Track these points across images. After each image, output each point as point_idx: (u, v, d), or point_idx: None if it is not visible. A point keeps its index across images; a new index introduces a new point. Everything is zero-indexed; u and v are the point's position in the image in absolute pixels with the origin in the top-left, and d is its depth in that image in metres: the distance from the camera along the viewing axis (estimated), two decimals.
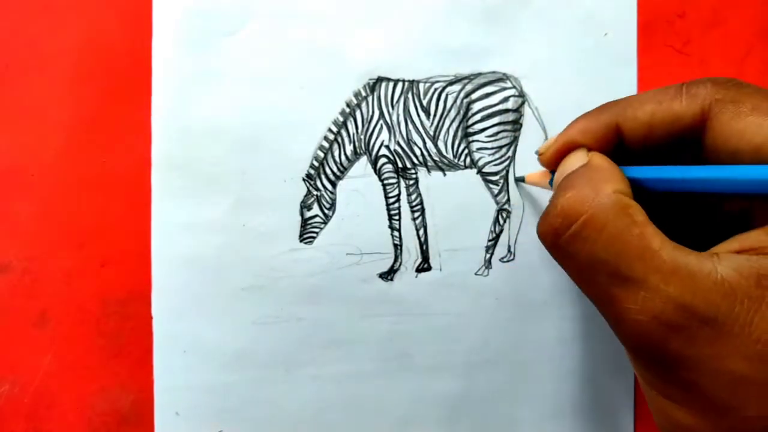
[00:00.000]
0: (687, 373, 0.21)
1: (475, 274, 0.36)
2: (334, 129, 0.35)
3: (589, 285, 0.23)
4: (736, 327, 0.20)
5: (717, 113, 0.23)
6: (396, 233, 0.36)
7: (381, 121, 0.36)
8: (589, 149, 0.26)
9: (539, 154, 0.29)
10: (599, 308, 0.23)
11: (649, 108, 0.25)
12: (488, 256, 0.36)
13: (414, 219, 0.36)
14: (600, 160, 0.25)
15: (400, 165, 0.36)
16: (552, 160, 0.28)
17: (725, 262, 0.21)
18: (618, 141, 0.26)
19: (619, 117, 0.25)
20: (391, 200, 0.36)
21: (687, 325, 0.21)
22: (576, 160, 0.26)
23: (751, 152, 0.22)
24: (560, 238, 0.23)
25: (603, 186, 0.23)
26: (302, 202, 0.35)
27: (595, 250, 0.22)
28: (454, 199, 0.36)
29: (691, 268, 0.21)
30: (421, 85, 0.35)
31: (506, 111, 0.35)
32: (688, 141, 0.25)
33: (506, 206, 0.36)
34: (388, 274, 0.35)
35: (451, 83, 0.35)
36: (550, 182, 0.30)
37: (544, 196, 0.35)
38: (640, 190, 0.25)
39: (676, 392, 0.22)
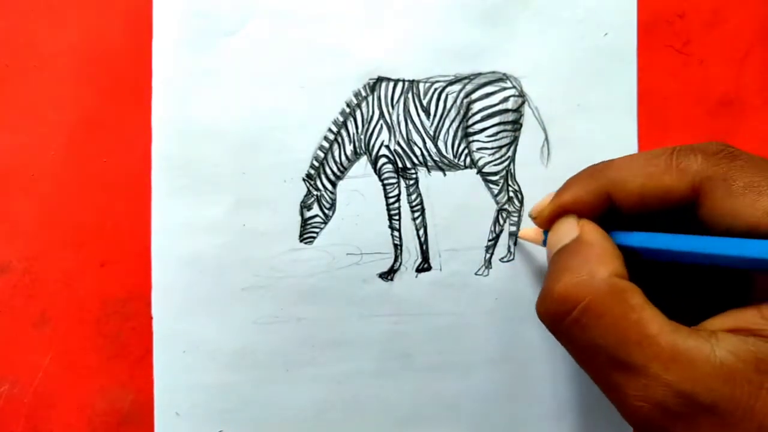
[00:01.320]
0: None
1: (475, 274, 0.36)
2: (334, 129, 0.35)
3: (591, 368, 0.24)
4: (738, 413, 0.20)
5: (709, 191, 0.23)
6: (396, 233, 0.36)
7: (381, 121, 0.36)
8: (581, 215, 0.27)
9: (532, 217, 0.29)
10: (602, 390, 0.24)
11: (640, 181, 0.25)
12: (488, 256, 0.36)
13: (414, 219, 0.36)
14: (591, 234, 0.25)
15: (400, 165, 0.36)
16: (546, 224, 0.28)
17: (723, 344, 0.21)
18: (609, 206, 0.26)
19: (609, 187, 0.26)
20: (391, 200, 0.36)
21: (688, 412, 0.21)
22: (567, 230, 0.26)
23: (746, 231, 0.22)
24: (561, 323, 0.24)
25: (598, 269, 0.23)
26: (302, 202, 0.35)
27: (594, 337, 0.23)
28: (454, 199, 0.36)
29: (689, 353, 0.21)
30: (421, 85, 0.35)
31: (506, 111, 0.35)
32: (683, 211, 0.25)
33: (506, 206, 0.36)
34: (388, 274, 0.35)
35: (451, 83, 0.35)
36: (544, 242, 0.31)
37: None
38: (633, 254, 0.25)
39: None
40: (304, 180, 0.35)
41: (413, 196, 0.36)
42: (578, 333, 0.23)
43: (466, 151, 0.36)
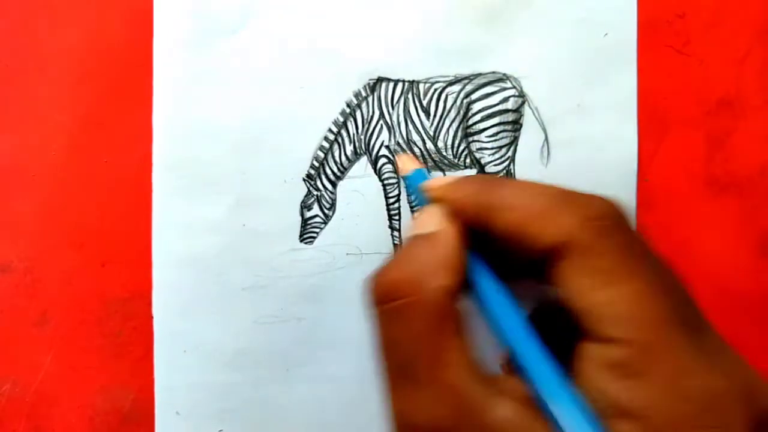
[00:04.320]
0: None
1: None
2: (334, 129, 0.35)
3: (383, 357, 0.23)
4: None
5: (563, 257, 0.22)
6: (396, 233, 0.36)
7: (381, 122, 0.36)
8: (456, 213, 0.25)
9: (424, 187, 0.27)
10: (380, 379, 0.23)
11: (516, 218, 0.23)
12: None
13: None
14: (447, 238, 0.24)
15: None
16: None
17: (508, 406, 0.20)
18: (484, 228, 0.24)
19: (490, 209, 0.24)
20: (391, 200, 0.36)
21: None
22: (430, 220, 0.25)
23: (574, 311, 0.21)
24: (378, 305, 0.23)
25: (433, 277, 0.22)
26: (302, 202, 0.35)
27: (399, 337, 0.22)
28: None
29: (470, 400, 0.21)
30: (421, 86, 0.35)
31: (506, 111, 0.35)
32: (534, 266, 0.23)
33: None
34: None
35: (451, 83, 0.35)
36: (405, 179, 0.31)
37: None
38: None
39: None
40: (304, 180, 0.35)
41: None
42: (387, 323, 0.23)
43: (466, 151, 0.36)
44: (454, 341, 0.22)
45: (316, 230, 0.35)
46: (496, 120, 0.35)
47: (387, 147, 0.36)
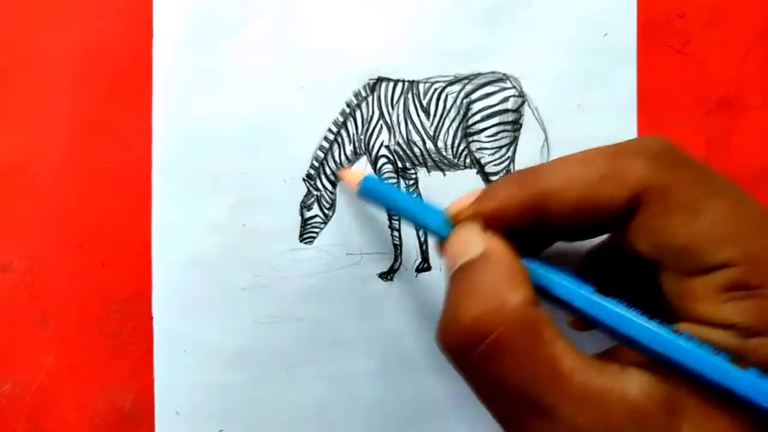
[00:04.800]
0: None
1: None
2: (334, 129, 0.35)
3: (497, 407, 0.22)
4: None
5: (645, 205, 0.21)
6: (396, 233, 0.36)
7: (381, 122, 0.36)
8: (504, 228, 0.24)
9: (450, 216, 0.26)
10: (503, 425, 0.22)
11: (575, 193, 0.22)
12: None
13: None
14: (500, 251, 0.23)
15: (399, 165, 0.36)
16: None
17: (634, 382, 0.20)
18: (540, 218, 0.23)
19: (541, 198, 0.23)
20: None
21: None
22: (470, 242, 0.23)
23: (674, 254, 0.21)
24: (467, 357, 0.21)
25: (509, 295, 0.21)
26: (302, 202, 0.35)
27: (503, 374, 0.21)
28: (454, 199, 0.36)
29: (601, 393, 0.20)
30: (421, 86, 0.35)
31: (506, 111, 0.35)
32: (615, 224, 0.23)
33: None
34: (388, 274, 0.36)
35: (451, 83, 0.35)
36: (359, 192, 0.30)
37: None
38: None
39: None
40: (304, 180, 0.35)
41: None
42: (486, 369, 0.21)
43: (466, 151, 0.36)
44: (559, 345, 0.20)
45: (316, 230, 0.35)
46: (496, 120, 0.35)
47: (387, 147, 0.36)
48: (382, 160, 0.36)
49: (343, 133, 0.35)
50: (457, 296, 0.22)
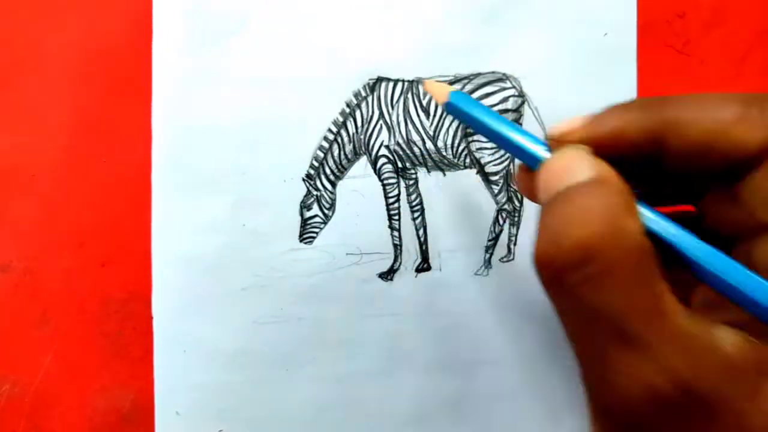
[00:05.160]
0: None
1: (475, 274, 0.36)
2: (334, 129, 0.35)
3: (586, 335, 0.21)
4: (731, 413, 0.18)
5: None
6: (396, 233, 0.36)
7: (381, 121, 0.36)
8: (616, 157, 0.22)
9: (553, 138, 0.24)
10: (586, 362, 0.21)
11: (704, 126, 0.21)
12: (488, 256, 0.36)
13: (414, 219, 0.36)
14: (614, 177, 0.21)
15: (399, 165, 0.36)
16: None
17: (730, 338, 0.19)
18: (653, 152, 0.22)
19: (665, 127, 0.21)
20: (391, 200, 0.36)
21: (682, 403, 0.19)
22: (580, 165, 0.21)
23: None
24: (566, 276, 0.20)
25: (626, 223, 0.20)
26: (302, 202, 0.35)
27: (608, 300, 0.19)
28: (454, 199, 0.36)
29: (699, 340, 0.19)
30: (420, 86, 0.35)
31: (506, 111, 0.35)
32: (730, 176, 0.21)
33: (506, 206, 0.36)
34: (388, 274, 0.35)
35: (451, 83, 0.35)
36: (446, 105, 0.26)
37: None
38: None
39: None
40: (304, 180, 0.35)
41: (413, 196, 0.36)
42: (588, 292, 0.19)
43: (465, 151, 0.36)
44: (664, 285, 0.19)
45: (316, 230, 0.35)
46: None
47: (387, 147, 0.36)
48: (382, 160, 0.36)
49: (343, 133, 0.35)
50: (565, 217, 0.20)
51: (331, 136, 0.35)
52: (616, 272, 0.19)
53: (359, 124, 0.36)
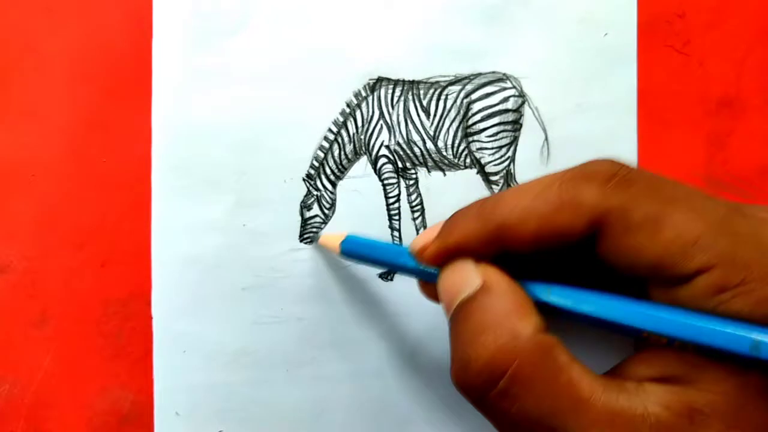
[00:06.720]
0: None
1: None
2: (334, 129, 0.35)
3: None
4: None
5: (606, 227, 0.21)
6: (396, 233, 0.36)
7: (381, 121, 0.36)
8: (452, 258, 0.24)
9: (415, 252, 0.26)
10: None
11: (533, 224, 0.22)
12: None
13: (414, 219, 0.36)
14: (499, 282, 0.22)
15: (400, 165, 0.36)
16: (430, 261, 0.25)
17: (653, 398, 0.20)
18: (502, 248, 0.23)
19: (499, 231, 0.23)
20: (391, 200, 0.36)
21: None
22: (466, 277, 0.23)
23: (648, 270, 0.21)
24: (486, 397, 0.21)
25: (520, 325, 0.21)
26: (302, 202, 0.35)
27: (526, 408, 0.20)
28: (454, 199, 0.36)
29: (624, 414, 0.19)
30: (421, 86, 0.35)
31: (506, 111, 0.35)
32: (582, 248, 0.22)
33: None
34: (388, 274, 0.35)
35: (451, 83, 0.35)
36: (341, 253, 0.31)
37: None
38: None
39: None
40: (304, 180, 0.35)
41: (413, 196, 0.36)
42: (508, 406, 0.20)
43: (466, 151, 0.36)
44: (576, 369, 0.20)
45: (316, 230, 0.35)
46: (496, 120, 0.35)
47: (387, 147, 0.36)
48: (382, 160, 0.36)
49: (343, 133, 0.35)
50: (466, 335, 0.22)
51: (331, 136, 0.35)
52: (525, 379, 0.20)
53: (359, 124, 0.36)
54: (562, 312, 0.23)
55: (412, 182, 0.36)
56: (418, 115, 0.36)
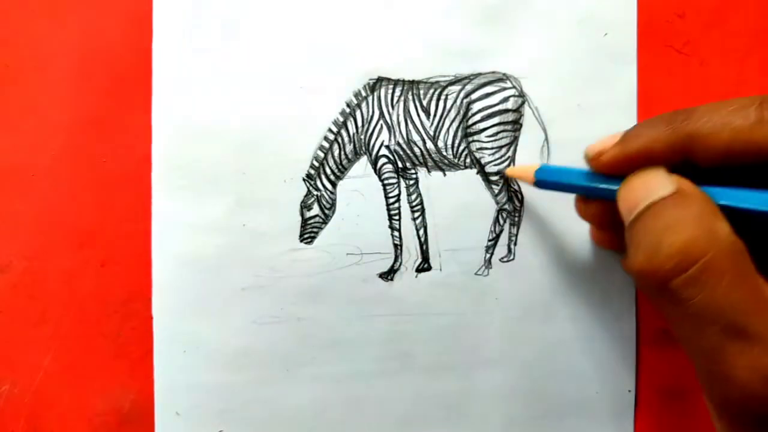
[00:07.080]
0: None
1: (475, 274, 0.36)
2: (334, 129, 0.35)
3: (697, 334, 0.22)
4: None
5: None
6: (396, 233, 0.36)
7: (381, 121, 0.36)
8: (634, 164, 0.24)
9: (590, 157, 0.26)
10: (701, 361, 0.22)
11: (726, 136, 0.22)
12: (488, 256, 0.36)
13: (414, 219, 0.36)
14: (694, 189, 0.23)
15: (400, 165, 0.36)
16: (603, 168, 0.26)
17: None
18: (684, 159, 0.24)
19: (689, 141, 0.23)
20: (391, 200, 0.36)
21: None
22: (658, 183, 0.23)
23: None
24: (671, 281, 0.21)
25: (717, 226, 0.22)
26: (302, 202, 0.35)
27: (713, 298, 0.21)
28: (454, 199, 0.36)
29: None
30: (421, 86, 0.35)
31: (506, 111, 0.35)
32: (760, 172, 0.23)
33: (506, 206, 0.36)
34: (388, 274, 0.35)
35: (451, 83, 0.35)
36: (535, 182, 0.31)
37: (543, 195, 0.35)
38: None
39: None
40: (304, 180, 0.35)
41: (413, 196, 0.36)
42: (694, 292, 0.21)
43: (466, 151, 0.36)
44: (760, 277, 0.21)
45: (316, 230, 0.35)
46: (496, 120, 0.35)
47: (387, 147, 0.36)
48: (382, 160, 0.36)
49: (343, 133, 0.35)
50: (657, 227, 0.22)
51: (331, 136, 0.35)
52: (717, 271, 0.21)
53: (359, 124, 0.36)
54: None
55: (412, 182, 0.36)
56: (418, 115, 0.36)
